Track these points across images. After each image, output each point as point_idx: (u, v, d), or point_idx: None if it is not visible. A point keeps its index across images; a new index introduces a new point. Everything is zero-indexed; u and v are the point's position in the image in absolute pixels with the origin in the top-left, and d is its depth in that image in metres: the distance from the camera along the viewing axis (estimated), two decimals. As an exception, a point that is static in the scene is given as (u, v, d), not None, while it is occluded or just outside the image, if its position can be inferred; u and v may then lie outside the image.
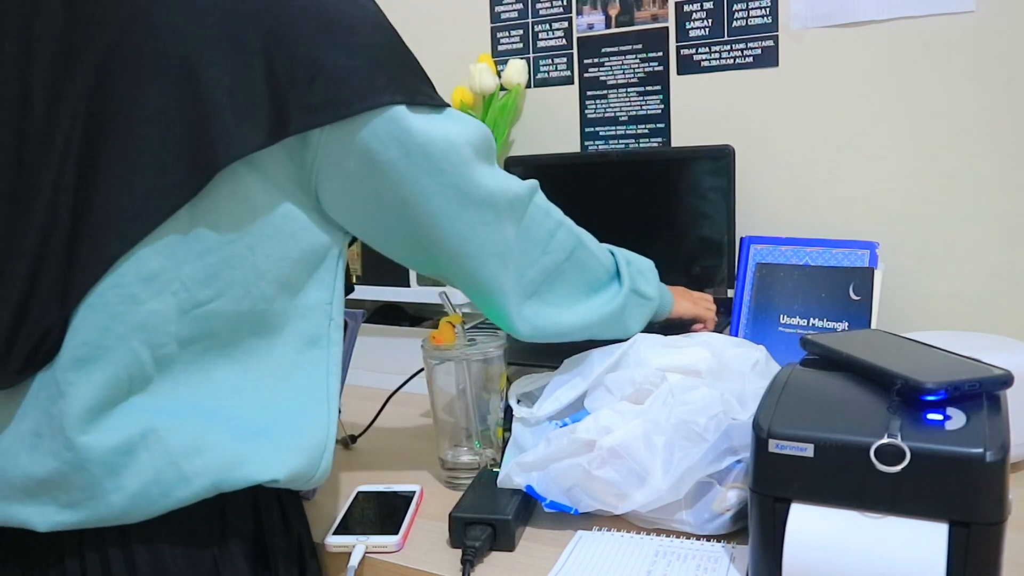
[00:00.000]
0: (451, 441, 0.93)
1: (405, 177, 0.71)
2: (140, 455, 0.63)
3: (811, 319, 1.05)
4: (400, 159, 0.70)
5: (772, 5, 1.19)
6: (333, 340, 0.74)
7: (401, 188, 0.72)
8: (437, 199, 0.73)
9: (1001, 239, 1.09)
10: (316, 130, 0.67)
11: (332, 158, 0.69)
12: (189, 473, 0.64)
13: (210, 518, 0.67)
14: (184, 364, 0.66)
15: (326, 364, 0.73)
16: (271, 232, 0.68)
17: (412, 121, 0.70)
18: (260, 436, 0.68)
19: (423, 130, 0.71)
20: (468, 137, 0.74)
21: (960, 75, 1.09)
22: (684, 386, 0.80)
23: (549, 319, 0.85)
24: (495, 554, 0.76)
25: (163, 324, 0.65)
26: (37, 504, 0.64)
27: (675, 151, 1.27)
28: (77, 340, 0.64)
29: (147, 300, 0.64)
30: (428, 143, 0.71)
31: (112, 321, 0.64)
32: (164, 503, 0.64)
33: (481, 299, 0.82)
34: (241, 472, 0.66)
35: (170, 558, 0.66)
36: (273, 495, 0.72)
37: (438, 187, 0.73)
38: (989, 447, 0.58)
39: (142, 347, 0.64)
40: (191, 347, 0.66)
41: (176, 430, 0.65)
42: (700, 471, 0.75)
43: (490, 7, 1.41)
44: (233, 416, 0.67)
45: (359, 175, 0.71)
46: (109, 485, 0.63)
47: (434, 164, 0.72)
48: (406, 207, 0.73)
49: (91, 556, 0.65)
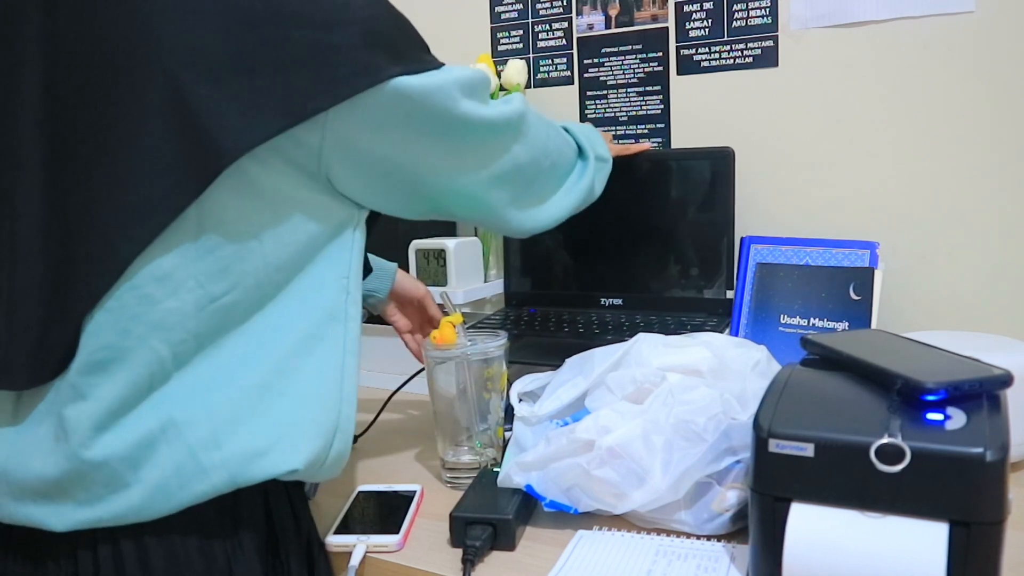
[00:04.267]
0: (452, 441, 0.93)
1: (410, 135, 0.73)
2: (160, 448, 0.64)
3: (811, 319, 1.05)
4: (404, 126, 0.72)
5: (772, 5, 1.19)
6: (351, 315, 0.75)
7: (408, 146, 0.74)
8: (438, 150, 0.76)
9: (1001, 239, 1.09)
10: (322, 113, 0.67)
11: (341, 138, 0.70)
12: (208, 466, 0.65)
13: (222, 512, 0.67)
14: (204, 358, 0.67)
15: (343, 339, 0.73)
16: (278, 220, 0.69)
17: (413, 88, 0.71)
18: (277, 423, 0.68)
19: (422, 90, 0.71)
20: (456, 78, 0.74)
21: (960, 75, 1.09)
22: (684, 386, 0.80)
23: (547, 215, 0.94)
24: (496, 554, 0.76)
25: (181, 321, 0.65)
26: (53, 504, 0.64)
27: (675, 152, 1.27)
28: (95, 344, 0.64)
29: (163, 299, 0.65)
30: (425, 98, 0.72)
31: (131, 323, 0.64)
32: (183, 497, 0.64)
33: (482, 219, 0.90)
34: (259, 465, 0.66)
35: (183, 552, 0.66)
36: (283, 491, 0.72)
37: (438, 140, 0.75)
38: (989, 447, 0.58)
39: (162, 345, 0.65)
40: (209, 340, 0.67)
41: (194, 423, 0.65)
42: (699, 471, 0.75)
43: (490, 7, 1.41)
44: (253, 409, 0.67)
45: (369, 148, 0.72)
46: (130, 478, 0.63)
47: (430, 112, 0.73)
48: (415, 161, 0.75)
49: (104, 549, 0.65)
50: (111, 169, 0.64)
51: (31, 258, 0.66)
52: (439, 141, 0.76)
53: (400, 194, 0.78)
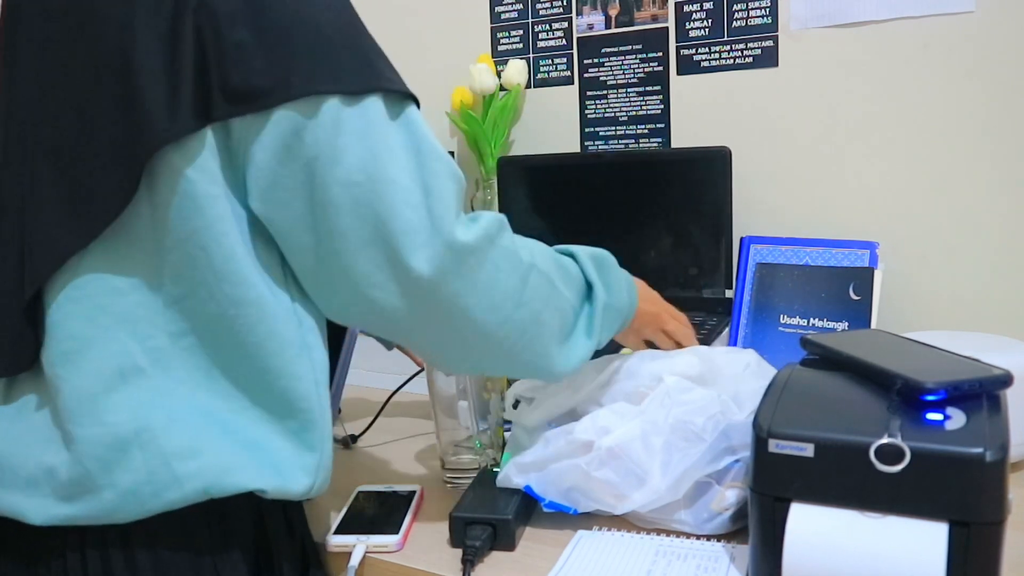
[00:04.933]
0: (451, 441, 0.93)
1: (322, 182, 0.63)
2: (134, 453, 0.64)
3: (811, 319, 1.05)
4: (313, 161, 0.62)
5: (772, 5, 1.19)
6: (312, 344, 0.68)
7: (314, 193, 0.63)
8: (355, 233, 0.63)
9: (1001, 239, 1.09)
10: (236, 120, 0.62)
11: (251, 153, 0.63)
12: (182, 475, 0.64)
13: (211, 521, 0.67)
14: (182, 360, 0.66)
15: (312, 372, 0.68)
16: (223, 230, 0.64)
17: (339, 119, 0.62)
18: (254, 447, 0.67)
19: (348, 131, 0.62)
20: (408, 156, 0.64)
21: (960, 75, 1.09)
22: (681, 387, 0.79)
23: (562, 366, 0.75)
24: (495, 554, 0.76)
25: (150, 315, 0.65)
26: (37, 496, 0.65)
27: (672, 152, 1.27)
28: (64, 334, 0.65)
29: (129, 292, 0.65)
30: (346, 148, 0.62)
31: (97, 312, 0.65)
32: (155, 504, 0.64)
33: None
34: (232, 479, 0.65)
35: (170, 559, 0.65)
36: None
37: (355, 209, 0.63)
38: (989, 447, 0.58)
39: (129, 338, 0.65)
40: (182, 341, 0.66)
41: (171, 430, 0.64)
42: (698, 471, 0.75)
43: (490, 7, 1.41)
44: (229, 421, 0.67)
45: (270, 177, 0.64)
46: (103, 480, 0.63)
47: (348, 174, 0.62)
48: (313, 212, 0.64)
49: (92, 553, 0.65)
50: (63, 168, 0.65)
51: (7, 247, 0.68)
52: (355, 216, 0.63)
53: (297, 243, 0.66)
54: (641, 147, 1.31)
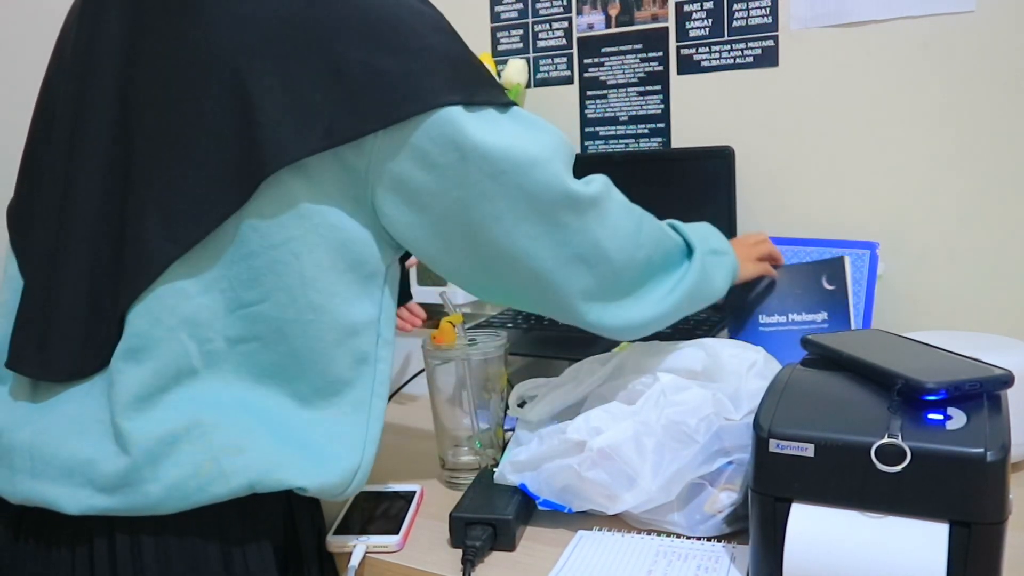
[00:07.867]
0: (451, 441, 0.93)
1: (464, 181, 0.68)
2: (182, 447, 0.65)
3: (790, 315, 1.05)
4: (457, 163, 0.67)
5: (772, 5, 1.19)
6: (381, 357, 0.73)
7: (461, 194, 0.69)
8: (500, 202, 0.69)
9: (1001, 239, 1.09)
10: (369, 137, 0.66)
11: (386, 166, 0.68)
12: (228, 470, 0.65)
13: (244, 513, 0.68)
14: (235, 364, 0.68)
15: (372, 383, 0.72)
16: (317, 240, 0.67)
17: (469, 123, 0.67)
18: (301, 447, 0.68)
19: (481, 131, 0.67)
20: (533, 140, 0.70)
21: (960, 75, 1.09)
22: (675, 386, 0.79)
23: (638, 313, 0.79)
24: (496, 554, 0.76)
25: (211, 319, 0.67)
26: (71, 486, 0.65)
27: (675, 152, 1.27)
28: (131, 331, 0.66)
29: (196, 295, 0.66)
30: (485, 145, 0.67)
31: (164, 313, 0.66)
32: (199, 497, 0.65)
33: (551, 305, 0.77)
34: (277, 475, 0.66)
35: (202, 548, 0.66)
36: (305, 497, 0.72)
37: (500, 189, 0.69)
38: (990, 447, 0.58)
39: (189, 340, 0.66)
40: (240, 347, 0.68)
41: (221, 426, 0.66)
42: (691, 472, 0.75)
43: (490, 7, 1.41)
44: (278, 421, 0.68)
45: (416, 184, 0.68)
46: (148, 474, 0.64)
47: (493, 165, 0.68)
48: (467, 215, 0.69)
49: (122, 539, 0.65)
50: (167, 175, 0.66)
51: (79, 255, 0.68)
52: (500, 193, 0.69)
53: (445, 242, 0.72)
54: (644, 146, 1.31)
